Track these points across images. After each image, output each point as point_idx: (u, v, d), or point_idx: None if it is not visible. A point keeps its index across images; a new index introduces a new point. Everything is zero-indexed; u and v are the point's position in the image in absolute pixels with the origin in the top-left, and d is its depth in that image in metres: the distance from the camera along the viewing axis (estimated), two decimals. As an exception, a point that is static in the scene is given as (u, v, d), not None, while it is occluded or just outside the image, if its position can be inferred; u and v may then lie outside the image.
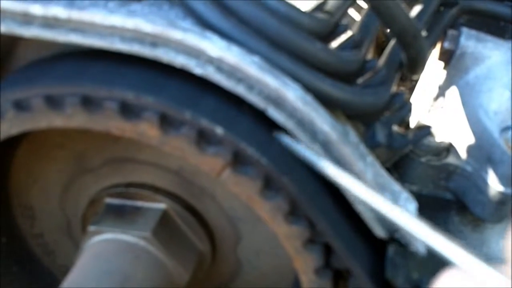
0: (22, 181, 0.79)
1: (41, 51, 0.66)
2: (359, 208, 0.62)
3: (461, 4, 0.94)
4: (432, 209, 0.91)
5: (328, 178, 0.57)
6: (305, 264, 0.62)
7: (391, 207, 0.41)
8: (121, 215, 0.72)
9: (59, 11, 0.57)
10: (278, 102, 0.57)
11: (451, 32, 0.90)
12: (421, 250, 0.65)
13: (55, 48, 0.65)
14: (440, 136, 0.92)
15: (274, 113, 0.58)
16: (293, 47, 0.60)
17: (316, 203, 0.60)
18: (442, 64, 0.93)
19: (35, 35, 0.59)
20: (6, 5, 0.59)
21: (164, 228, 0.72)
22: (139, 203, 0.74)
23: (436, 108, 0.96)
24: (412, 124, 0.98)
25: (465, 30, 0.90)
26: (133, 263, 0.69)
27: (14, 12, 0.59)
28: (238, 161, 0.57)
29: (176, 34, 0.56)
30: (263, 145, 0.58)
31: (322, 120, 0.58)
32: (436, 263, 0.94)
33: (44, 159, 0.76)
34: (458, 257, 0.31)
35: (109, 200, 0.75)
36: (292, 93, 0.57)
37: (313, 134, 0.59)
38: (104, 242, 0.70)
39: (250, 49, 0.58)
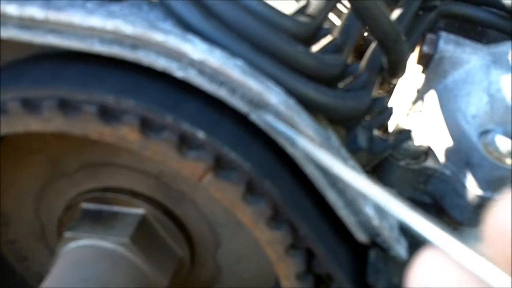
0: (-5, 186, 0.77)
1: (18, 52, 0.64)
2: (341, 213, 0.61)
3: (439, 9, 0.95)
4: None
5: (311, 159, 0.56)
6: (287, 270, 0.61)
7: (371, 185, 0.41)
8: (98, 221, 0.71)
9: (35, 12, 0.56)
10: (261, 106, 0.57)
11: (429, 36, 0.91)
12: (402, 254, 0.65)
13: (32, 50, 0.63)
14: (419, 139, 0.92)
15: (257, 118, 0.57)
16: (276, 50, 0.59)
17: (298, 208, 0.59)
18: (420, 68, 0.93)
19: (11, 36, 0.57)
20: (-20, 5, 0.57)
21: (143, 234, 0.70)
22: (117, 208, 0.72)
23: (415, 112, 0.96)
24: (391, 128, 0.98)
25: (443, 34, 0.90)
26: (111, 270, 0.68)
27: (-11, 12, 0.57)
28: (220, 165, 0.56)
29: (157, 36, 0.55)
30: (245, 150, 0.57)
31: (305, 124, 0.57)
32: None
33: (18, 164, 0.74)
34: (435, 236, 0.31)
35: (85, 205, 0.73)
36: (275, 97, 0.56)
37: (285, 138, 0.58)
38: (80, 248, 0.69)
39: (232, 52, 0.57)
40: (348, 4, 0.79)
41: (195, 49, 0.55)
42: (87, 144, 0.70)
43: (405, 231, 0.67)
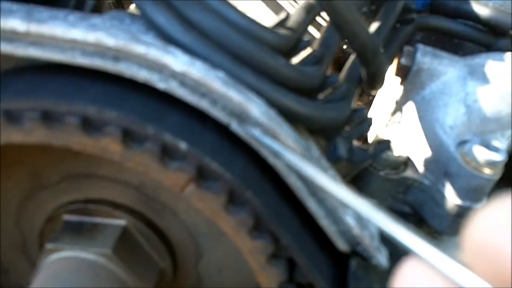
0: (-25, 198, 0.77)
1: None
2: (322, 222, 0.62)
3: (416, 21, 0.97)
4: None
5: (293, 169, 0.57)
6: (269, 279, 0.62)
7: (353, 195, 0.42)
8: (80, 232, 0.71)
9: (17, 24, 0.56)
10: (242, 117, 0.57)
11: (407, 49, 0.93)
12: (383, 262, 0.66)
13: (13, 62, 0.63)
14: (398, 150, 0.93)
15: (238, 128, 0.57)
16: (256, 62, 0.60)
17: (279, 218, 0.60)
18: (399, 79, 0.95)
19: (-8, 48, 0.57)
20: (-39, 16, 0.57)
21: (124, 245, 0.70)
22: (98, 220, 0.72)
23: (394, 123, 0.97)
24: (370, 139, 0.99)
25: (421, 46, 0.92)
26: (93, 281, 0.67)
27: (-30, 24, 0.57)
28: (202, 176, 0.57)
29: (138, 48, 0.55)
30: (227, 160, 0.57)
31: (285, 135, 0.58)
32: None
33: (-1, 176, 0.74)
34: (416, 246, 0.32)
35: (67, 217, 0.73)
36: (256, 108, 0.57)
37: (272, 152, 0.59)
38: (62, 260, 0.68)
39: (213, 64, 0.57)
40: (327, 17, 0.80)
41: (177, 60, 0.56)
42: (69, 156, 0.70)
43: (385, 240, 0.68)
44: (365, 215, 0.38)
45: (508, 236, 0.25)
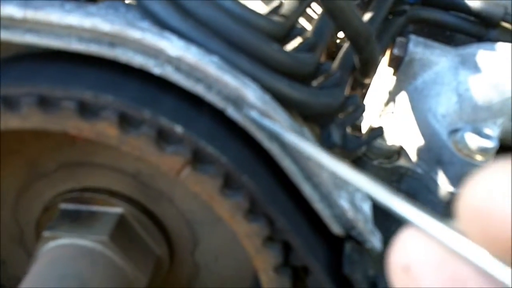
0: (-28, 189, 0.77)
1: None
2: (317, 206, 0.63)
3: (409, 13, 0.98)
4: (383, 210, 0.93)
5: (295, 153, 0.58)
6: (265, 262, 0.62)
7: (355, 173, 0.42)
8: (77, 220, 0.71)
9: (13, 11, 0.57)
10: (238, 102, 0.58)
11: (399, 40, 0.94)
12: (377, 246, 0.66)
13: (12, 50, 0.64)
14: (391, 139, 0.94)
15: (233, 113, 0.58)
16: (251, 48, 0.61)
17: (275, 201, 0.61)
18: (391, 70, 0.96)
19: (-11, 35, 0.58)
20: (-42, 4, 0.57)
21: (121, 233, 0.71)
22: (95, 208, 0.72)
23: (387, 113, 0.98)
24: (364, 129, 1.00)
25: (413, 37, 0.93)
26: (90, 268, 0.68)
27: (-33, 12, 0.57)
28: (197, 159, 0.57)
29: (134, 34, 0.56)
30: (222, 144, 0.58)
31: (280, 119, 0.59)
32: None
33: (-5, 166, 0.74)
34: (413, 216, 0.32)
35: (64, 206, 0.73)
36: (252, 93, 0.57)
37: (271, 133, 0.60)
38: (59, 247, 0.69)
39: (208, 50, 0.58)
40: (317, 9, 0.81)
41: (172, 45, 0.56)
42: (65, 144, 0.71)
43: (378, 224, 0.69)
44: (366, 190, 0.39)
45: (503, 200, 0.24)
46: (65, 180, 0.74)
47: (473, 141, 0.84)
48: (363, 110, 0.75)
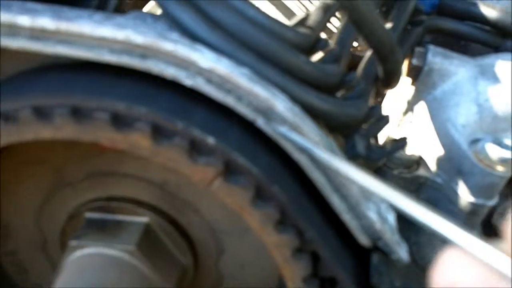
0: (-3, 198, 0.77)
1: (19, 65, 0.65)
2: (345, 217, 0.63)
3: (426, 23, 0.98)
4: (403, 221, 0.93)
5: (323, 165, 0.58)
6: (294, 273, 0.63)
7: (387, 188, 0.43)
8: (103, 229, 0.71)
9: (47, 22, 0.57)
10: (267, 113, 0.58)
11: (418, 49, 0.94)
12: (404, 257, 0.67)
13: (35, 62, 0.65)
14: (410, 149, 0.94)
15: (263, 124, 0.59)
16: (280, 60, 0.61)
17: (304, 212, 0.61)
18: (410, 80, 0.96)
19: (21, 46, 0.58)
20: (-9, 16, 0.58)
21: (148, 242, 0.71)
22: (121, 217, 0.73)
23: (406, 123, 0.99)
24: (382, 138, 1.01)
25: (432, 47, 0.93)
26: (118, 277, 0.68)
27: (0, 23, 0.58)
28: (229, 170, 0.58)
29: (167, 46, 0.56)
30: (253, 155, 0.58)
31: (310, 130, 0.59)
32: (416, 271, 0.96)
33: (22, 174, 0.75)
34: (456, 236, 0.32)
35: (89, 215, 0.74)
36: (281, 104, 0.58)
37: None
38: (86, 256, 0.69)
39: (238, 61, 0.59)
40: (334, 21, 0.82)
41: (204, 57, 0.57)
42: (93, 154, 0.71)
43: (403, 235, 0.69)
44: (398, 206, 0.39)
45: None
46: (91, 189, 0.74)
47: (494, 152, 0.84)
48: (387, 122, 0.75)
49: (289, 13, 1.19)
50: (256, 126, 0.59)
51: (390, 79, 0.77)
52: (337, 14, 0.94)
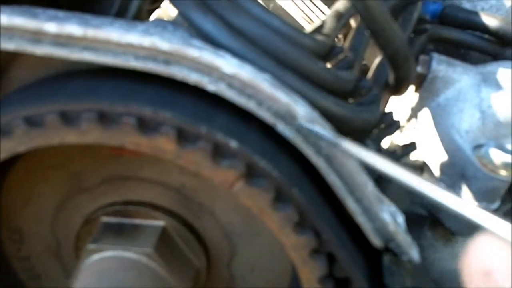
0: (12, 203, 0.78)
1: (37, 72, 0.67)
2: (359, 219, 0.65)
3: (430, 32, 1.01)
4: (407, 224, 0.96)
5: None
6: (310, 274, 0.64)
7: (426, 183, 0.44)
8: (120, 233, 0.73)
9: (74, 29, 0.58)
10: (287, 118, 0.60)
11: (423, 57, 0.96)
12: (415, 258, 0.69)
13: (53, 69, 0.66)
14: (414, 155, 0.97)
15: (283, 128, 0.60)
16: (299, 66, 0.63)
17: (321, 214, 0.63)
18: (413, 87, 0.99)
19: (47, 52, 0.59)
20: (18, 22, 0.59)
21: (164, 245, 0.72)
22: (137, 221, 0.74)
23: (409, 129, 1.01)
24: (386, 144, 1.03)
25: (436, 55, 0.96)
26: (136, 280, 0.69)
27: (26, 30, 0.59)
28: (250, 173, 0.59)
29: (192, 52, 0.58)
30: (273, 158, 0.60)
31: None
32: (422, 271, 0.98)
33: (38, 180, 0.76)
34: (489, 222, 0.33)
35: (106, 219, 0.75)
36: (302, 109, 0.60)
37: (318, 148, 0.62)
38: (104, 259, 0.70)
39: (260, 67, 0.60)
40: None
41: (228, 63, 0.59)
42: (110, 159, 0.72)
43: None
44: (433, 196, 0.41)
45: None
46: (108, 194, 0.75)
47: (497, 156, 0.86)
48: (398, 127, 0.77)
49: (292, 22, 1.21)
50: (275, 130, 0.60)
51: (401, 86, 0.79)
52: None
